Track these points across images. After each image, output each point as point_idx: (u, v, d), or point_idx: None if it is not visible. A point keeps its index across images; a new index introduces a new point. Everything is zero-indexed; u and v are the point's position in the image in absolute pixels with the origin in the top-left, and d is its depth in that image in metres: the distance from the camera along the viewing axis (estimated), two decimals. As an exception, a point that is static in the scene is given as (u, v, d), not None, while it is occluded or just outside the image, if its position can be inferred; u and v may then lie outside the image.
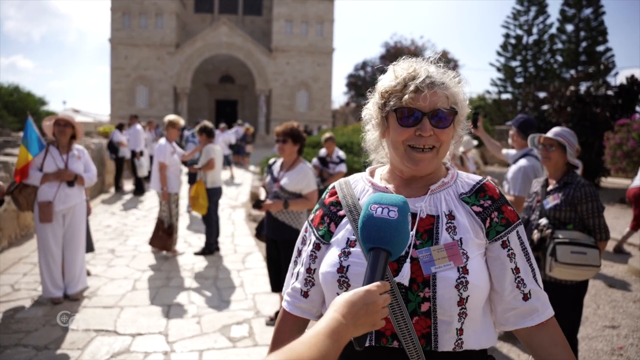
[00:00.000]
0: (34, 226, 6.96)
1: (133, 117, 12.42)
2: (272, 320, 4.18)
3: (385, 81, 1.19)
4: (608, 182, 15.22)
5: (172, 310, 4.46)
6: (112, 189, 12.04)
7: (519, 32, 31.12)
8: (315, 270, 1.23)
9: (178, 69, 33.38)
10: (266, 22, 36.68)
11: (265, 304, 4.66)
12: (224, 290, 5.06)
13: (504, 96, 30.09)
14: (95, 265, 5.75)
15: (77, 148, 4.67)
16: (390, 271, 1.09)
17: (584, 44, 29.29)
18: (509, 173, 3.79)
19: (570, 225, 2.82)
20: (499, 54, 31.66)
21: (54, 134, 4.53)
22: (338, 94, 62.90)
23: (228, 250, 6.69)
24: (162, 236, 6.13)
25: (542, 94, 16.40)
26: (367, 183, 1.26)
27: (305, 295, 1.25)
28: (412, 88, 1.12)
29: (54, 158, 4.46)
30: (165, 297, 4.80)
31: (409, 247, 1.10)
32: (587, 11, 28.93)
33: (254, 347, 3.75)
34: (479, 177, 1.24)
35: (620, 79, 27.97)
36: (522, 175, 3.64)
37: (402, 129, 1.15)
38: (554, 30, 30.51)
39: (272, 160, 4.20)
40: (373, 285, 0.94)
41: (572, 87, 14.33)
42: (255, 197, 4.06)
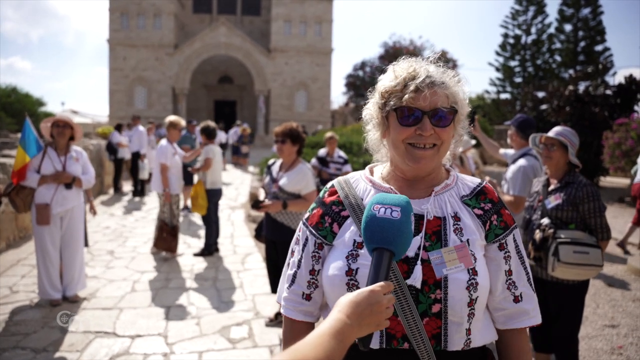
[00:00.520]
0: (32, 228, 6.96)
1: (135, 118, 12.34)
2: (271, 322, 4.17)
3: (385, 81, 1.19)
4: (607, 181, 15.24)
5: (171, 312, 4.45)
6: (111, 190, 12.02)
7: (518, 31, 31.15)
8: (319, 271, 1.21)
9: (177, 69, 33.34)
10: (265, 23, 36.66)
11: (264, 305, 4.65)
12: (224, 292, 5.05)
13: (503, 96, 30.10)
14: (94, 266, 5.74)
15: (75, 150, 4.66)
16: (401, 273, 1.10)
17: (582, 43, 29.32)
18: (508, 173, 3.77)
19: (572, 224, 2.82)
20: (497, 53, 31.67)
21: (52, 135, 4.51)
22: (337, 94, 62.83)
23: (227, 251, 6.68)
24: (167, 237, 6.10)
25: (540, 94, 16.41)
26: (368, 183, 1.25)
27: (308, 298, 1.23)
28: (412, 88, 1.12)
29: (52, 160, 4.44)
30: (165, 299, 4.79)
31: (418, 249, 1.11)
32: (586, 11, 28.96)
33: (253, 349, 3.74)
34: (479, 180, 1.26)
35: (619, 78, 28.02)
36: (522, 175, 3.62)
37: (403, 128, 1.15)
38: (552, 30, 30.55)
39: (271, 161, 4.20)
40: (377, 286, 0.94)
41: (571, 87, 14.36)
42: (254, 198, 4.05)
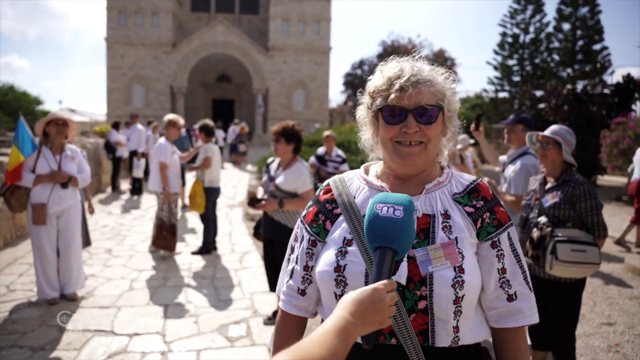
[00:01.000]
0: (28, 227, 6.94)
1: (134, 116, 12.30)
2: (269, 320, 4.17)
3: (374, 81, 1.22)
4: (604, 180, 15.27)
5: (169, 310, 4.45)
6: (108, 188, 12.00)
7: (516, 30, 31.16)
8: (313, 267, 1.23)
9: (175, 68, 33.29)
10: (263, 21, 36.62)
11: (263, 303, 4.65)
12: (222, 290, 5.05)
13: (501, 95, 30.09)
14: (92, 265, 5.73)
15: (70, 148, 4.62)
16: None
17: (580, 42, 29.35)
18: (509, 172, 3.71)
19: (569, 223, 2.83)
20: (496, 52, 31.68)
21: (46, 134, 4.44)
22: (335, 92, 63.06)
23: (225, 250, 6.67)
24: (166, 236, 6.09)
25: (539, 93, 16.43)
26: (362, 181, 1.27)
27: (302, 293, 1.26)
28: (396, 87, 1.15)
29: (47, 159, 4.40)
30: (163, 297, 4.79)
31: None
32: (584, 10, 28.99)
33: (251, 347, 3.74)
34: (473, 177, 1.26)
35: (617, 77, 28.04)
36: (525, 174, 3.58)
37: (389, 127, 1.18)
38: (550, 29, 30.56)
39: (270, 159, 4.21)
40: (380, 284, 0.95)
41: (569, 86, 14.38)
42: (252, 196, 4.06)
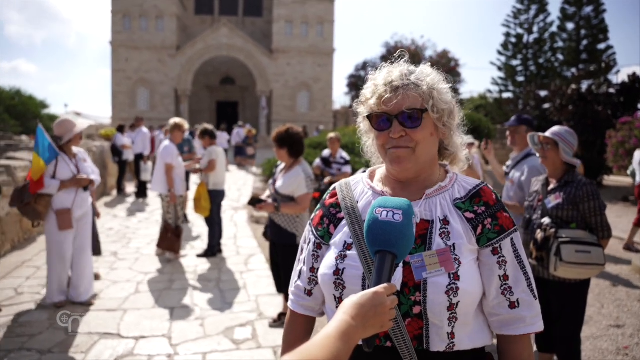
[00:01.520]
0: (38, 231, 6.97)
1: (139, 119, 12.32)
2: (275, 322, 4.17)
3: (365, 90, 1.24)
4: (610, 180, 15.19)
5: (175, 313, 4.46)
6: (114, 191, 12.05)
7: (520, 30, 31.09)
8: (318, 269, 1.25)
9: (179, 71, 33.42)
10: (266, 24, 36.70)
11: (268, 305, 4.65)
12: (227, 293, 5.05)
13: (505, 95, 30.04)
14: (98, 268, 5.74)
15: (79, 151, 4.66)
16: None
17: (585, 42, 29.24)
18: (518, 176, 3.67)
19: (573, 224, 2.82)
20: (499, 52, 31.62)
21: (58, 139, 4.41)
22: (339, 94, 62.90)
23: (231, 252, 6.68)
24: (171, 238, 6.09)
25: (543, 93, 16.40)
26: (367, 185, 1.28)
27: (309, 293, 1.28)
28: (378, 94, 1.16)
29: (67, 164, 4.39)
30: (169, 300, 4.80)
31: None
32: (588, 9, 28.88)
33: (257, 349, 3.74)
34: (477, 182, 1.24)
35: (622, 76, 27.86)
36: (537, 176, 3.59)
37: (378, 134, 1.20)
38: (554, 28, 30.48)
39: (279, 162, 4.24)
40: (380, 287, 0.96)
41: (574, 86, 14.33)
42: (253, 196, 4.09)
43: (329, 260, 1.20)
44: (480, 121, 17.58)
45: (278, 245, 4.02)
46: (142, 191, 11.30)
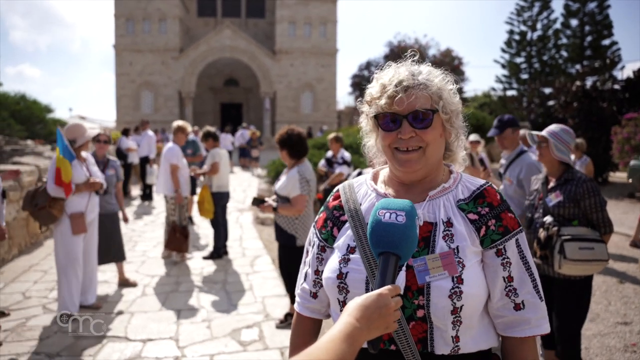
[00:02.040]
0: (44, 235, 7.01)
1: (144, 122, 12.34)
2: (282, 323, 4.18)
3: (370, 89, 1.22)
4: (616, 176, 15.10)
5: (182, 315, 4.48)
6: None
7: (523, 28, 31.00)
8: (322, 272, 1.25)
9: (182, 73, 33.53)
10: (269, 25, 36.76)
11: (274, 307, 4.66)
12: (234, 294, 5.07)
13: (509, 93, 29.96)
14: (105, 271, 5.78)
15: (87, 155, 4.66)
16: None
17: (589, 38, 29.09)
18: (522, 173, 3.72)
19: (575, 221, 2.83)
20: (503, 50, 31.54)
21: (73, 145, 4.35)
22: (343, 94, 63.05)
23: (236, 254, 6.70)
24: (180, 238, 6.09)
25: (547, 90, 16.34)
26: (370, 187, 1.27)
27: (314, 296, 1.28)
28: (388, 93, 1.14)
29: (81, 168, 4.39)
30: (175, 302, 4.82)
31: None
32: (592, 5, 28.72)
33: (264, 351, 3.75)
34: (482, 182, 1.22)
35: (627, 72, 27.68)
36: (536, 172, 3.65)
37: (385, 134, 1.17)
38: (558, 25, 30.38)
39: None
40: (384, 289, 0.95)
41: (578, 82, 14.26)
42: (256, 196, 4.14)
43: (332, 264, 1.19)
44: (485, 119, 17.54)
45: (280, 245, 4.12)
46: (147, 194, 11.36)
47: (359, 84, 37.34)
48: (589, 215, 2.82)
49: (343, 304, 1.15)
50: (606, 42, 28.63)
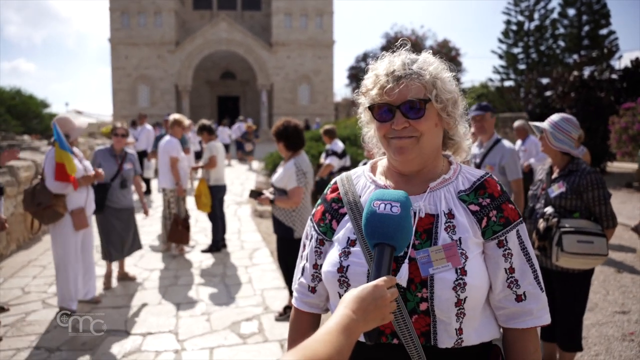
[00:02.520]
0: (43, 230, 6.99)
1: (142, 116, 12.28)
2: (281, 316, 4.20)
3: (365, 80, 1.21)
4: (614, 166, 15.14)
5: (181, 309, 4.48)
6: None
7: (520, 18, 30.88)
8: (321, 265, 1.23)
9: (179, 66, 33.36)
10: (265, 17, 36.54)
11: (274, 299, 4.67)
12: (232, 287, 5.07)
13: (507, 83, 29.84)
14: (103, 266, 5.77)
15: (76, 149, 4.61)
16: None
17: (586, 27, 29.02)
18: (506, 159, 3.83)
19: (576, 213, 2.78)
20: (500, 41, 31.43)
21: (67, 139, 4.33)
22: (340, 86, 62.75)
23: (235, 247, 6.70)
24: (182, 230, 6.09)
25: (545, 80, 16.30)
26: (369, 179, 1.25)
27: (312, 290, 1.27)
28: (380, 84, 1.13)
29: (78, 162, 4.31)
30: (174, 296, 4.83)
31: (407, 247, 1.09)
32: (589, -6, 28.62)
33: (264, 343, 3.77)
34: (482, 173, 1.21)
35: (625, 62, 27.58)
36: (516, 159, 3.88)
37: (380, 124, 1.17)
38: (555, 15, 30.25)
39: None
40: (380, 280, 0.95)
41: (576, 72, 14.22)
42: (253, 189, 4.14)
43: (332, 257, 1.18)
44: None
45: (278, 238, 4.13)
46: (146, 188, 11.32)
47: (356, 75, 37.23)
48: (591, 208, 2.76)
49: None
50: (604, 31, 28.57)
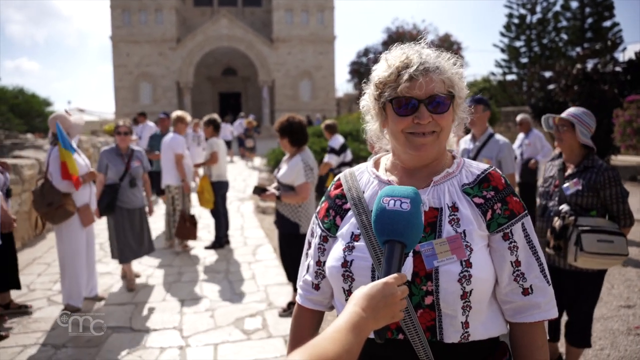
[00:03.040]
0: (47, 228, 7.01)
1: (141, 114, 12.27)
2: (285, 312, 4.20)
3: (379, 71, 1.17)
4: (618, 159, 15.07)
5: (185, 305, 4.49)
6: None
7: (523, 11, 30.71)
8: (325, 262, 1.23)
9: (180, 63, 33.35)
10: (266, 13, 36.45)
11: (277, 295, 4.68)
12: (236, 283, 5.08)
13: (509, 77, 29.77)
14: (108, 263, 5.79)
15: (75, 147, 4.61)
16: None
17: (589, 20, 28.84)
18: (503, 153, 3.82)
19: (593, 211, 2.70)
20: (502, 34, 31.29)
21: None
22: (341, 81, 62.69)
23: (238, 243, 6.71)
24: (189, 226, 6.08)
25: (547, 74, 16.20)
26: (372, 175, 1.25)
27: (316, 287, 1.26)
28: (406, 77, 1.10)
29: (81, 160, 4.33)
30: (178, 292, 4.84)
31: None
32: (592, -14, 28.43)
33: (268, 339, 3.77)
34: (485, 166, 1.21)
35: (629, 54, 27.36)
36: (512, 153, 3.90)
37: (400, 119, 1.13)
38: (558, 7, 30.10)
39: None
40: (390, 278, 0.94)
41: (579, 65, 14.11)
42: (257, 185, 4.12)
43: (336, 253, 1.17)
44: (485, 104, 17.40)
45: (280, 233, 4.11)
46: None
47: (358, 71, 37.13)
48: (608, 206, 2.70)
49: (348, 293, 1.14)
50: (607, 23, 28.40)
